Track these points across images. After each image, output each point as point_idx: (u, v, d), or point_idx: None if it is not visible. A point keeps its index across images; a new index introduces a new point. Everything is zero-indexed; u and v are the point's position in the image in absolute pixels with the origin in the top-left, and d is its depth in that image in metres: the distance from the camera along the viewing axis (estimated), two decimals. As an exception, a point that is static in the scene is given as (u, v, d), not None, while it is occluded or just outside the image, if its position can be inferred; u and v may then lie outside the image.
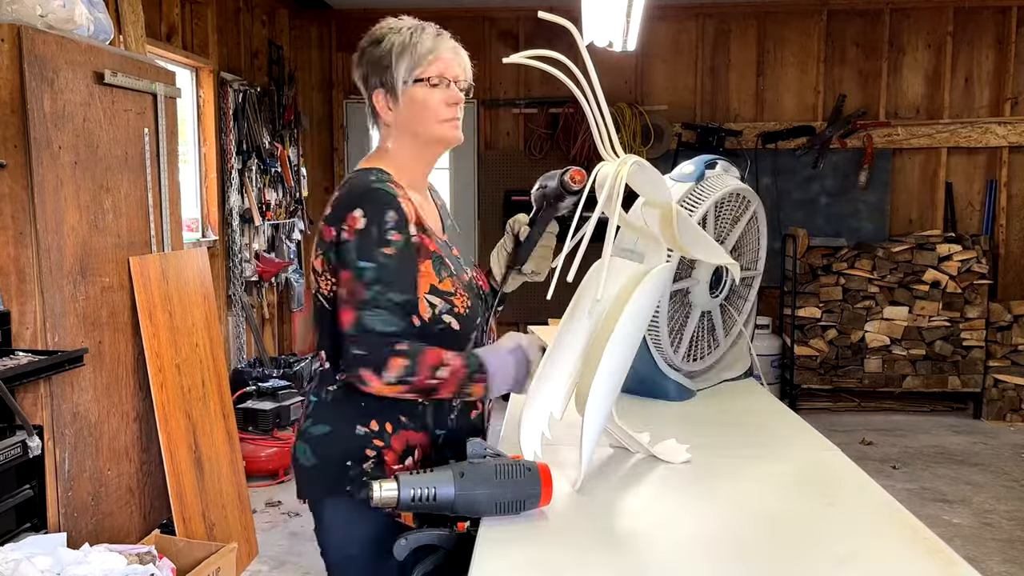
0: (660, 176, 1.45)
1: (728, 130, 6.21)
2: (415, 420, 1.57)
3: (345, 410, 1.57)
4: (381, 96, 1.59)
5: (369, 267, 1.48)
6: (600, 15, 2.89)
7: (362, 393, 1.51)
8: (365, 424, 1.56)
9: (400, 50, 1.57)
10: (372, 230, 1.49)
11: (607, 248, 1.36)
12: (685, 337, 2.05)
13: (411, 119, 1.59)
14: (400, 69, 1.57)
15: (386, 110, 1.60)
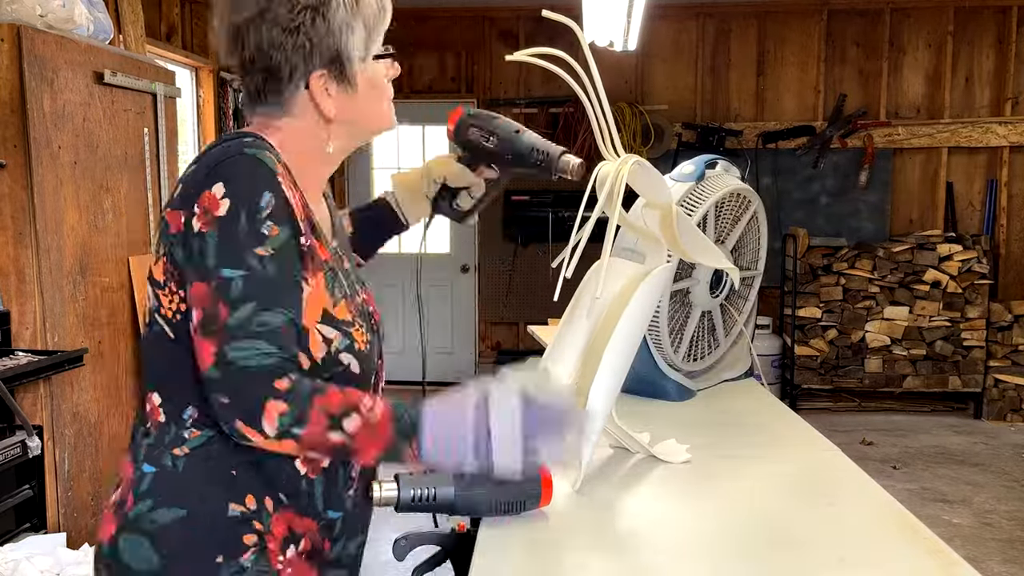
0: (661, 177, 1.45)
1: (728, 130, 6.20)
2: (298, 499, 1.13)
3: (209, 482, 1.09)
4: (324, 79, 1.12)
5: (235, 276, 1.02)
6: (601, 15, 2.89)
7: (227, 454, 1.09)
8: (239, 500, 1.10)
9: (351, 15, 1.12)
10: (240, 218, 1.03)
11: (607, 248, 1.35)
12: (685, 337, 2.05)
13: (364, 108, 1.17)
14: (354, 41, 1.13)
15: (326, 98, 1.13)
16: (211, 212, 1.03)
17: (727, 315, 2.17)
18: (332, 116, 1.14)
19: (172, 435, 1.11)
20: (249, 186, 1.04)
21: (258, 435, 1.02)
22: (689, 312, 2.05)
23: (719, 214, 2.03)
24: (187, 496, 1.10)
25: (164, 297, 1.10)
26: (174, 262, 1.07)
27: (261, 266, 1.03)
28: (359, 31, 1.13)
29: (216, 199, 1.03)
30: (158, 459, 1.11)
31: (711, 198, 1.95)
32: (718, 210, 2.02)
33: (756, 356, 2.29)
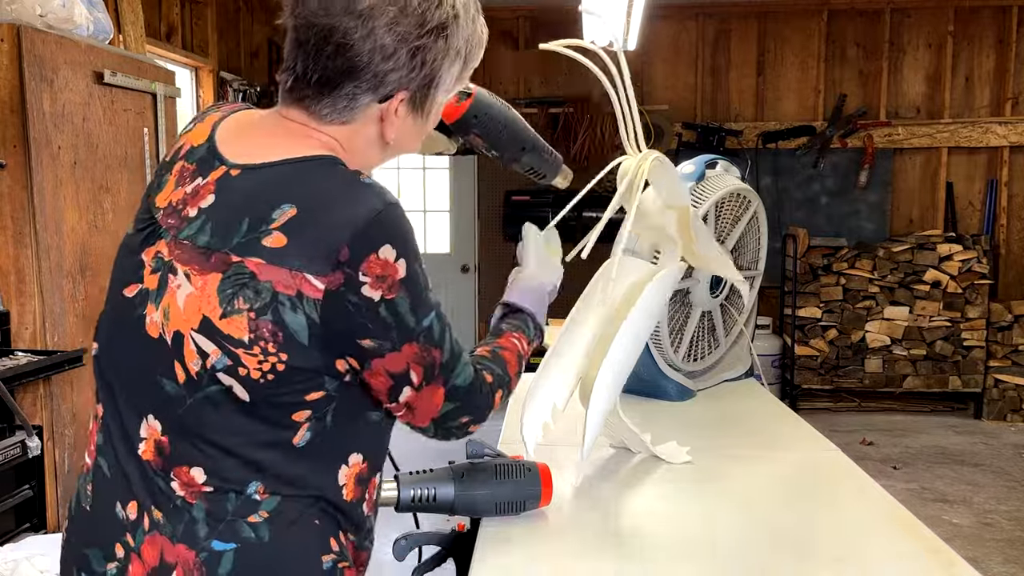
0: (678, 175, 1.45)
1: (729, 130, 6.20)
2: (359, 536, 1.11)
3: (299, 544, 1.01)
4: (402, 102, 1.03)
5: (431, 321, 1.01)
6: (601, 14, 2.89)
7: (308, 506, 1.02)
8: (327, 548, 1.04)
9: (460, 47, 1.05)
10: (419, 272, 0.99)
11: (618, 243, 1.36)
12: (685, 337, 2.05)
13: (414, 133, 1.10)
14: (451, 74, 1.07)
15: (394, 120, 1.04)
16: (390, 277, 0.95)
17: (727, 315, 2.17)
18: (391, 141, 1.06)
19: (237, 503, 0.99)
20: (410, 237, 0.98)
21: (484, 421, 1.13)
22: (689, 312, 2.05)
23: (719, 214, 2.03)
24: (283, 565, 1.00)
25: (249, 357, 0.95)
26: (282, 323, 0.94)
27: (435, 300, 1.03)
28: (456, 68, 1.07)
29: (391, 263, 0.95)
30: (233, 533, 0.98)
31: (711, 198, 1.95)
32: (718, 210, 2.02)
33: (756, 356, 2.29)
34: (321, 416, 1.00)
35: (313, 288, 0.94)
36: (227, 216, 0.97)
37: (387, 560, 1.44)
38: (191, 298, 0.96)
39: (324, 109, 1.02)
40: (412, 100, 1.04)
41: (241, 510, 0.99)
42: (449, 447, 1.18)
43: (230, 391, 0.96)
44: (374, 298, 0.95)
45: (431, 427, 1.08)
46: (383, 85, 1.01)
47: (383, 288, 0.95)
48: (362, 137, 1.05)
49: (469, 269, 6.60)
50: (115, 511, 1.02)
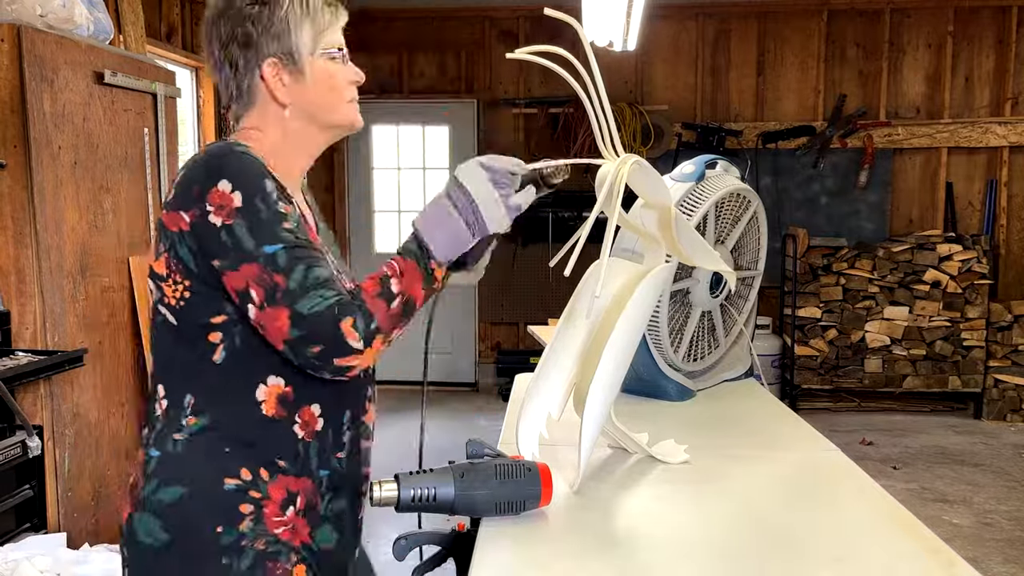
0: (660, 177, 1.45)
1: (728, 130, 6.21)
2: (295, 462, 1.26)
3: (205, 461, 1.23)
4: (274, 68, 1.27)
5: (277, 249, 1.16)
6: (600, 14, 2.89)
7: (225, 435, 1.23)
8: (234, 474, 1.23)
9: (300, 14, 1.28)
10: (257, 204, 1.17)
11: (606, 247, 1.35)
12: (685, 337, 2.05)
13: (316, 98, 1.29)
14: (303, 36, 1.28)
15: (279, 85, 1.28)
16: (227, 205, 1.16)
17: (727, 315, 2.17)
18: (285, 101, 1.29)
19: (174, 422, 1.25)
20: (251, 176, 1.18)
21: (354, 356, 1.16)
22: (689, 312, 2.05)
23: (719, 214, 2.03)
24: (186, 475, 1.23)
25: (167, 287, 1.22)
26: (179, 257, 1.20)
27: (293, 236, 1.18)
28: (307, 27, 1.28)
29: (227, 193, 1.17)
30: (162, 444, 1.25)
31: (711, 198, 1.95)
32: (718, 210, 2.02)
33: (756, 356, 2.29)
34: (230, 337, 1.22)
35: (184, 223, 1.19)
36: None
37: (387, 560, 1.44)
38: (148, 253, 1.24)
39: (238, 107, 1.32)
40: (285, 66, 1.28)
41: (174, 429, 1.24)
42: (449, 447, 1.18)
43: (166, 320, 1.24)
44: (216, 223, 1.16)
45: (288, 352, 1.18)
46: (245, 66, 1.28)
47: (223, 215, 1.16)
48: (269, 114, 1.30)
49: (469, 269, 6.60)
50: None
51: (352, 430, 1.34)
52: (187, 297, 1.22)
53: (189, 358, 1.24)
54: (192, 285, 1.21)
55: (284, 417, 1.25)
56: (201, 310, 1.22)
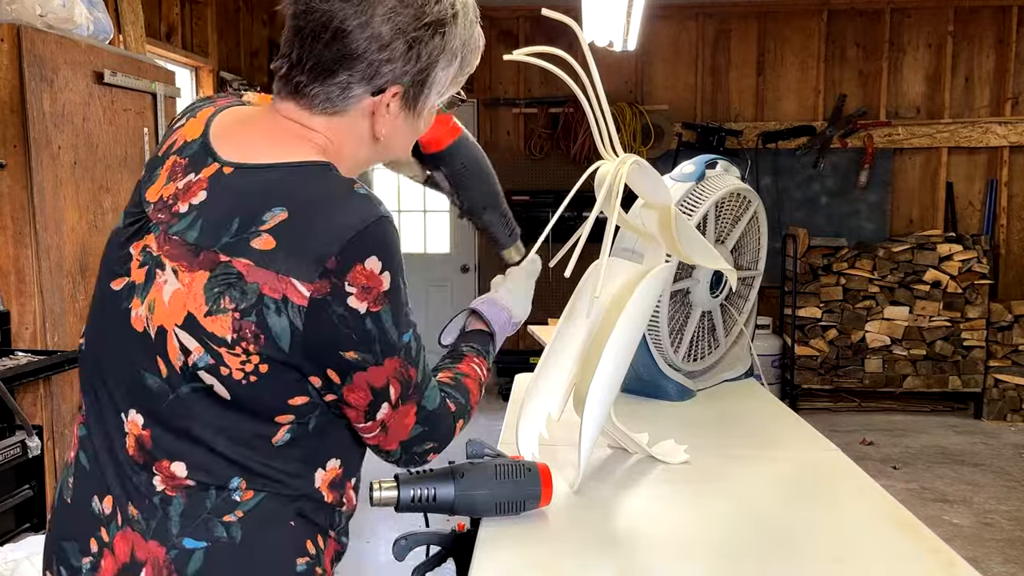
0: (659, 177, 1.45)
1: (729, 130, 6.21)
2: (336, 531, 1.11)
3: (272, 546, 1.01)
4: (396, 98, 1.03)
5: (410, 338, 1.01)
6: (600, 14, 2.89)
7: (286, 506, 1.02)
8: (302, 551, 1.03)
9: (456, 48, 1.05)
10: (400, 286, 0.98)
11: (605, 247, 1.35)
12: (685, 337, 2.05)
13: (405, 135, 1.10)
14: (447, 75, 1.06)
15: (385, 116, 1.03)
16: (375, 289, 0.95)
17: (727, 315, 2.17)
18: (381, 136, 1.05)
19: (216, 501, 0.99)
20: (396, 251, 0.98)
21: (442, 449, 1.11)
22: (689, 312, 2.05)
23: (719, 214, 2.03)
24: (254, 566, 1.00)
25: (231, 357, 0.95)
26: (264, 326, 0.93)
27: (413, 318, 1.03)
28: (455, 67, 1.07)
29: (376, 275, 0.95)
30: (206, 531, 0.98)
31: (711, 198, 1.95)
32: (718, 210, 2.02)
33: (756, 356, 2.29)
34: (304, 421, 1.01)
35: (299, 294, 0.93)
36: (218, 214, 0.96)
37: (387, 560, 1.44)
38: (177, 294, 0.95)
39: (317, 97, 1.01)
40: (405, 96, 1.04)
41: (218, 508, 0.99)
42: (448, 447, 1.17)
43: (211, 389, 0.96)
44: (360, 310, 0.95)
45: (399, 450, 1.07)
46: (377, 76, 1.00)
47: (368, 300, 0.95)
48: (354, 132, 1.05)
49: (469, 269, 6.60)
50: (91, 505, 1.02)
51: None
52: (262, 373, 0.95)
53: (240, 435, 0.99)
54: (270, 364, 0.96)
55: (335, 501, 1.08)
56: (278, 390, 0.98)
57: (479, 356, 1.26)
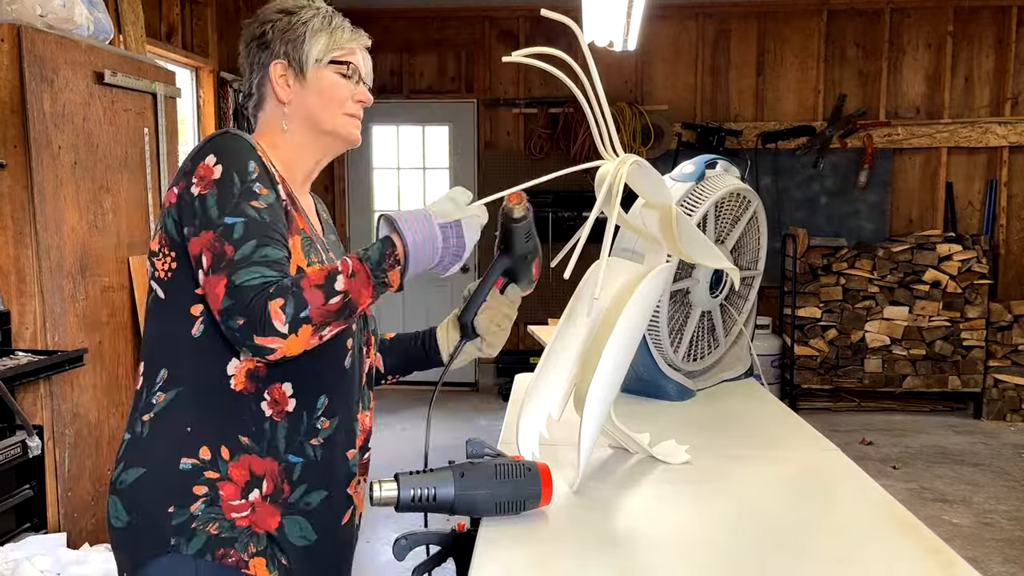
0: (660, 177, 1.45)
1: (728, 130, 6.21)
2: (260, 441, 1.26)
3: (164, 441, 1.25)
4: (281, 68, 1.35)
5: (236, 222, 1.18)
6: (600, 14, 2.89)
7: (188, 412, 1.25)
8: (192, 454, 1.24)
9: (318, 27, 1.36)
10: (233, 178, 1.21)
11: (605, 247, 1.35)
12: (685, 337, 2.05)
13: (314, 103, 1.35)
14: (315, 45, 1.35)
15: (284, 85, 1.34)
16: (207, 177, 1.21)
17: (727, 315, 2.17)
18: (284, 100, 1.35)
19: (144, 402, 1.27)
20: (236, 155, 1.23)
21: (276, 338, 1.14)
22: (689, 312, 2.05)
23: (719, 214, 2.03)
24: (147, 456, 1.25)
25: (158, 262, 1.27)
26: (166, 231, 1.25)
27: (258, 215, 1.20)
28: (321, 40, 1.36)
29: (210, 167, 1.22)
30: (132, 426, 1.28)
31: (711, 198, 1.95)
32: (718, 210, 2.02)
33: (756, 356, 2.29)
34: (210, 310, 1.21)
35: (174, 195, 1.25)
36: None
37: (387, 560, 1.44)
38: None
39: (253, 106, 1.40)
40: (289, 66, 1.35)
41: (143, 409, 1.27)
42: (449, 447, 1.17)
43: (156, 296, 1.28)
44: (195, 193, 1.21)
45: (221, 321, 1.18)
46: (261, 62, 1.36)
47: (201, 186, 1.21)
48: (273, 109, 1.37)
49: (469, 269, 6.60)
50: None
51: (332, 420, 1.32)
52: (174, 268, 1.25)
53: (171, 332, 1.26)
54: (177, 256, 1.25)
55: (252, 393, 1.25)
56: (185, 281, 1.25)
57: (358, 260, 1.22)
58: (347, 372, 1.36)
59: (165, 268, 1.26)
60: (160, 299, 1.28)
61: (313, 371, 1.29)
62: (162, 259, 1.26)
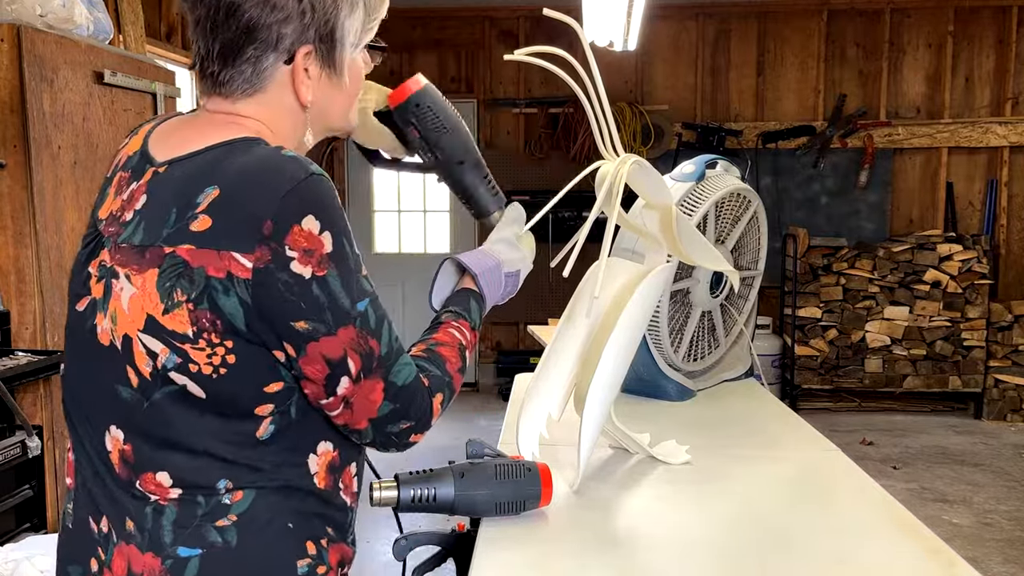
0: (660, 177, 1.45)
1: (729, 130, 6.21)
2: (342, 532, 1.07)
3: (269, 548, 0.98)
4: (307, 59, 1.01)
5: (366, 306, 0.96)
6: (600, 14, 2.89)
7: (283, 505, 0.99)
8: (302, 552, 1.00)
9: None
10: (345, 248, 0.94)
11: (605, 247, 1.35)
12: (685, 337, 2.05)
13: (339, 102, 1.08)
14: (354, 23, 1.04)
15: (305, 79, 1.01)
16: (317, 251, 0.91)
17: (727, 315, 2.17)
18: (308, 102, 1.03)
19: (207, 506, 0.96)
20: (337, 210, 0.94)
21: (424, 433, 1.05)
22: (689, 312, 2.05)
23: (719, 214, 2.03)
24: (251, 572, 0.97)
25: (195, 352, 0.92)
26: (217, 310, 0.91)
27: (371, 286, 0.98)
28: (359, 13, 1.04)
29: (315, 235, 0.91)
30: (199, 538, 0.95)
31: (711, 198, 1.95)
32: (718, 210, 2.02)
33: (756, 356, 2.29)
34: (284, 409, 0.97)
35: (241, 267, 0.90)
36: (157, 211, 0.95)
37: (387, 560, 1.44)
38: (134, 298, 0.93)
39: (234, 81, 1.00)
40: (319, 55, 1.02)
41: (210, 514, 0.96)
42: (449, 447, 1.17)
43: (185, 390, 0.94)
44: (304, 275, 0.91)
45: (369, 430, 1.00)
46: (281, 40, 0.98)
47: (312, 263, 0.91)
48: (282, 107, 1.03)
49: (469, 269, 6.60)
50: (89, 526, 1.01)
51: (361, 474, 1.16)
52: (231, 364, 0.93)
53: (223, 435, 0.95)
54: (236, 347, 0.93)
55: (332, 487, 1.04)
56: (250, 379, 0.94)
57: (459, 319, 1.17)
58: None
59: (215, 363, 0.92)
60: (194, 399, 0.94)
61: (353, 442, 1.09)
62: (207, 349, 0.92)
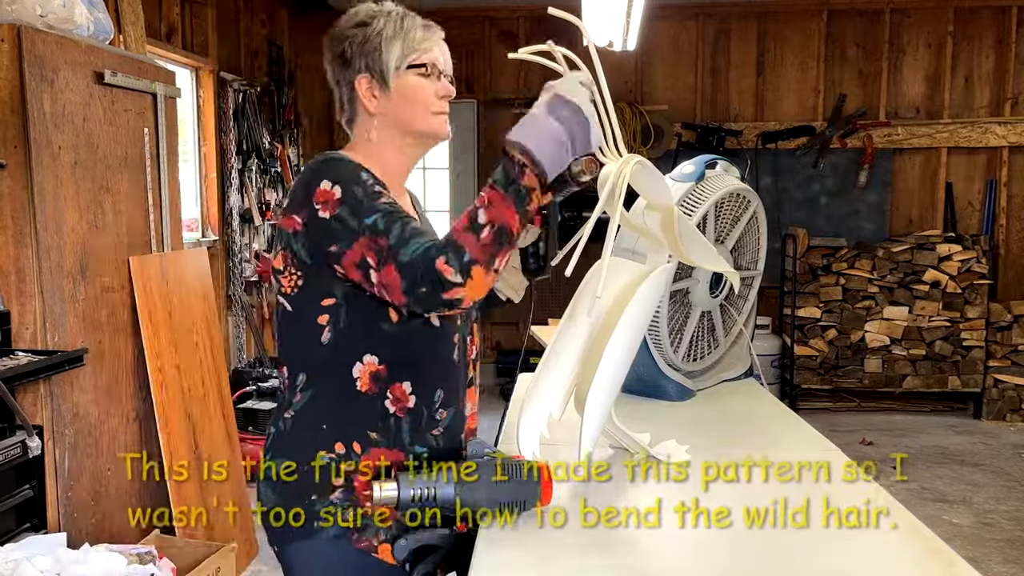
0: (662, 177, 1.45)
1: (728, 130, 6.21)
2: (387, 436, 1.41)
3: (305, 436, 1.41)
4: (366, 82, 1.43)
5: (375, 217, 1.29)
6: (600, 14, 2.89)
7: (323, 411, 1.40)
8: (328, 448, 1.40)
9: (392, 34, 1.42)
10: (355, 191, 1.32)
11: (607, 247, 1.35)
12: (685, 337, 2.05)
13: (401, 109, 1.44)
14: (392, 53, 1.42)
15: (371, 97, 1.43)
16: (330, 199, 1.31)
17: (727, 315, 2.18)
18: (374, 112, 1.45)
19: (286, 401, 1.43)
20: (348, 172, 1.34)
21: (458, 289, 1.23)
22: (689, 312, 2.05)
23: (719, 214, 2.04)
24: (291, 450, 1.42)
25: (284, 279, 1.39)
26: (293, 252, 1.36)
27: (390, 207, 1.30)
28: (396, 47, 1.42)
29: (328, 190, 1.32)
30: (277, 422, 1.45)
31: (711, 198, 1.95)
32: (718, 210, 2.02)
33: (756, 356, 2.29)
34: (336, 318, 1.38)
35: (297, 224, 1.35)
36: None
37: (387, 560, 1.44)
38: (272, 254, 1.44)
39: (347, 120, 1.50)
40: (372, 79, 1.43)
41: (286, 407, 1.43)
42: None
43: (285, 309, 1.41)
44: (326, 217, 1.32)
45: (408, 299, 1.27)
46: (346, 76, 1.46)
47: (329, 209, 1.32)
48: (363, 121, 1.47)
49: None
50: None
51: (448, 409, 1.46)
52: (300, 285, 1.38)
53: (302, 341, 1.40)
54: (305, 274, 1.37)
55: (376, 393, 1.39)
56: (312, 295, 1.38)
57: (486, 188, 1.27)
58: (455, 364, 1.48)
59: (292, 285, 1.39)
60: (288, 312, 1.41)
61: (426, 369, 1.43)
62: (288, 277, 1.39)
